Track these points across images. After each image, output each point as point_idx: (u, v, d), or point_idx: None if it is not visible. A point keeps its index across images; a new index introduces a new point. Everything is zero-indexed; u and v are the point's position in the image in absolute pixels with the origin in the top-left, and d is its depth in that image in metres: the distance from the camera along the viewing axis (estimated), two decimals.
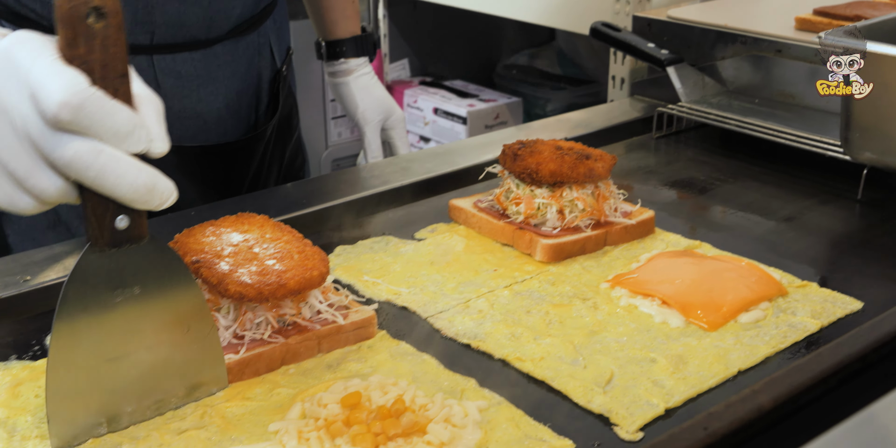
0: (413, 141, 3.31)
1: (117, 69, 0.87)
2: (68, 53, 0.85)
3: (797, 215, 1.60)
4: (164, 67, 1.57)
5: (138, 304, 0.99)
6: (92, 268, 0.95)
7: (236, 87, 1.69)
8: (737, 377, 1.14)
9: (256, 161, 1.76)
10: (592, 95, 3.24)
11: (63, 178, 0.87)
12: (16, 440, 1.01)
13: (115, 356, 1.00)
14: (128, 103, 0.88)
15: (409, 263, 1.41)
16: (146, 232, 0.97)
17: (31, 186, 0.87)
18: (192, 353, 1.06)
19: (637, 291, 1.30)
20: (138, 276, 0.98)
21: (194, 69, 1.61)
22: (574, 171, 1.42)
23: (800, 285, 1.34)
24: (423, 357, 1.18)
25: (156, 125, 0.90)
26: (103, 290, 0.96)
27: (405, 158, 1.82)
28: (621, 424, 1.05)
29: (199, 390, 1.08)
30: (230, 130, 1.71)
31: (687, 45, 2.06)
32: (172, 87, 1.59)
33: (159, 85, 1.58)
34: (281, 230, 1.24)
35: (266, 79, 1.76)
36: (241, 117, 1.73)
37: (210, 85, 1.64)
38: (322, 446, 0.99)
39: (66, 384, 0.97)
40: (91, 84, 0.84)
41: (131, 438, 1.02)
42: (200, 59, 1.61)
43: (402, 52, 3.39)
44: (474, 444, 1.01)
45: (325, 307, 1.19)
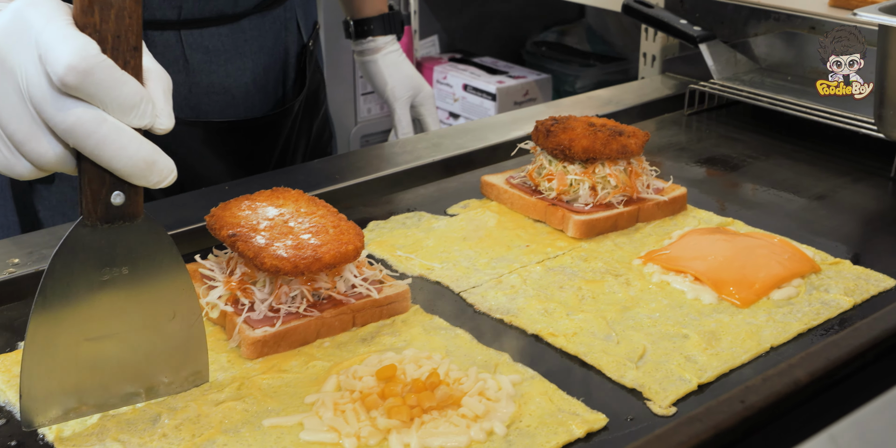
0: (442, 117, 3.31)
1: (130, 41, 0.85)
2: (81, 20, 0.83)
3: (830, 193, 1.60)
4: (191, 42, 1.58)
5: (125, 285, 0.95)
6: (82, 242, 0.92)
7: (263, 62, 1.69)
8: (769, 353, 1.14)
9: (283, 136, 1.77)
10: (622, 72, 3.23)
11: (62, 144, 0.86)
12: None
13: (96, 336, 0.96)
14: (137, 77, 0.86)
15: (441, 239, 1.42)
16: (141, 210, 0.94)
17: (28, 150, 0.85)
18: (175, 341, 1.02)
19: (669, 268, 1.31)
20: (129, 256, 0.95)
21: (222, 44, 1.62)
22: (607, 147, 1.42)
23: (832, 262, 1.34)
24: (456, 331, 1.19)
25: (162, 101, 0.88)
26: (91, 266, 0.93)
27: (436, 134, 1.82)
28: (654, 399, 1.05)
29: (179, 383, 1.05)
30: (258, 105, 1.72)
31: (719, 21, 2.05)
32: (200, 62, 1.60)
33: (187, 60, 1.59)
34: (316, 205, 1.25)
35: (293, 53, 1.77)
36: (268, 92, 1.73)
37: (238, 60, 1.65)
38: (358, 418, 1.00)
39: (42, 360, 0.94)
40: (101, 53, 0.83)
41: (170, 409, 1.03)
42: (228, 34, 1.61)
43: (432, 28, 3.38)
44: (508, 417, 1.02)
45: (359, 281, 1.20)
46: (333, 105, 3.25)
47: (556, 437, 0.99)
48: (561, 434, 0.99)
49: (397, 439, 0.98)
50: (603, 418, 1.02)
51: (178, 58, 1.57)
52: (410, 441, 0.97)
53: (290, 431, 1.00)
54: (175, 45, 1.57)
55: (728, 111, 2.00)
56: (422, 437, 0.98)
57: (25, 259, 1.30)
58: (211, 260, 1.24)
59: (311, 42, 1.78)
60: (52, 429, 1.00)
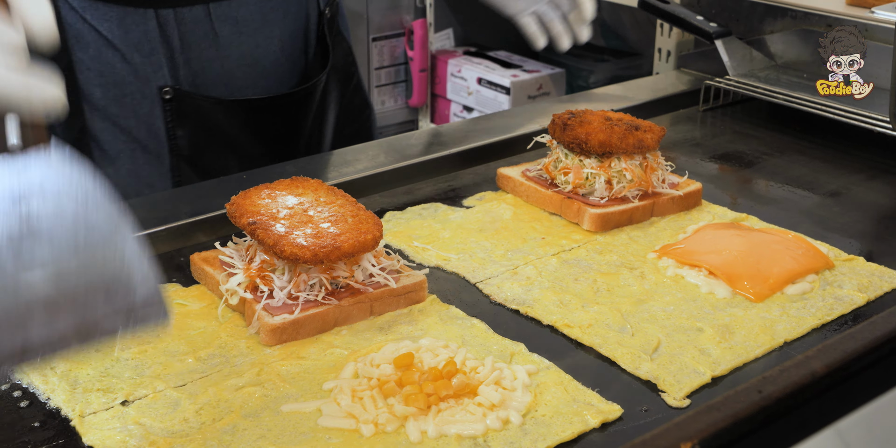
0: (456, 111, 3.32)
1: None
2: None
3: (844, 190, 1.60)
4: (220, 14, 1.58)
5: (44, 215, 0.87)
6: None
7: (289, 29, 1.68)
8: (783, 348, 1.15)
9: (314, 109, 1.76)
10: (636, 68, 3.23)
11: None
12: (78, 392, 1.04)
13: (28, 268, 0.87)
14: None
15: (458, 230, 1.43)
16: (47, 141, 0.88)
17: None
18: (104, 271, 0.89)
19: (684, 262, 1.32)
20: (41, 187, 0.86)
21: (249, 13, 1.61)
22: (623, 141, 1.43)
23: (846, 259, 1.34)
24: (472, 321, 1.20)
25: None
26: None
27: (452, 126, 1.83)
28: (669, 391, 1.06)
29: (136, 323, 0.90)
30: (286, 76, 1.71)
31: (735, 18, 2.06)
32: (230, 33, 1.60)
33: (217, 34, 1.58)
34: (335, 194, 1.26)
35: (313, 21, 1.75)
36: (295, 60, 1.72)
37: (265, 28, 1.64)
38: (375, 405, 1.01)
39: None
40: None
41: (189, 394, 1.05)
42: (255, 2, 1.62)
43: (447, 21, 3.39)
44: (524, 406, 1.03)
45: (377, 271, 1.21)
46: None
47: (572, 426, 1.00)
48: (576, 424, 1.01)
49: (414, 426, 0.99)
50: (618, 409, 1.03)
51: (207, 33, 1.57)
52: (427, 428, 0.99)
53: (309, 417, 1.01)
54: (204, 20, 1.57)
55: (743, 107, 2.01)
56: (438, 424, 0.99)
57: None
58: (230, 247, 1.25)
59: (327, 9, 1.76)
60: (73, 410, 1.01)
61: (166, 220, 1.40)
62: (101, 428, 0.99)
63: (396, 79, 3.39)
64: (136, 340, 1.13)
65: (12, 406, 1.03)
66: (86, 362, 1.09)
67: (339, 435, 0.99)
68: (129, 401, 1.03)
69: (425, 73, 3.35)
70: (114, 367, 1.09)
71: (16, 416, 1.02)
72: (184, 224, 1.40)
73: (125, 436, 0.98)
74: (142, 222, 1.39)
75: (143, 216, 1.40)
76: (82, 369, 1.08)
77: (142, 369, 1.09)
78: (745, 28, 2.04)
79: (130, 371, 1.09)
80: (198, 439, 0.98)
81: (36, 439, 0.98)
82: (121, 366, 1.09)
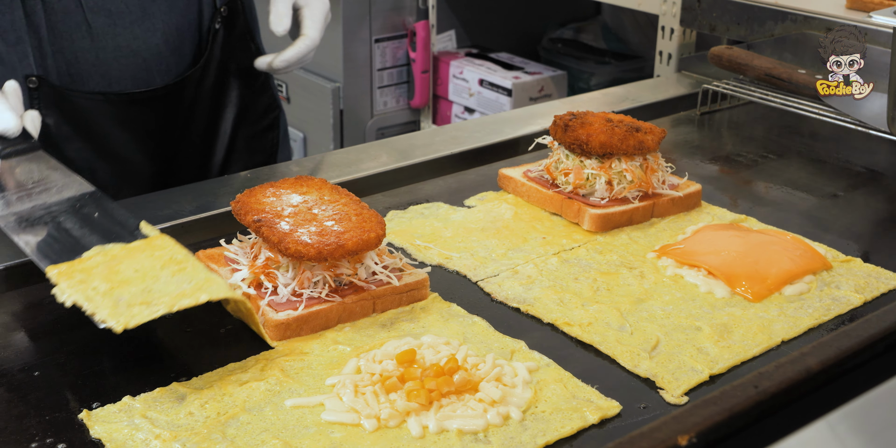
0: (458, 112, 3.34)
1: None
2: None
3: (842, 192, 1.62)
4: (92, 6, 1.54)
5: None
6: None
7: (176, 23, 1.63)
8: (780, 347, 1.17)
9: (187, 107, 1.70)
10: (637, 70, 3.25)
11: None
12: (122, 307, 1.06)
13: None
14: None
15: (459, 229, 1.44)
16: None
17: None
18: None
19: (683, 262, 1.33)
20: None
21: (125, 5, 1.57)
22: (624, 143, 1.44)
23: (844, 260, 1.36)
24: (473, 319, 1.21)
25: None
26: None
27: (454, 127, 1.85)
28: (667, 388, 1.08)
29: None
30: (173, 69, 1.66)
31: (736, 22, 2.07)
32: (104, 25, 1.56)
33: (90, 24, 1.54)
34: (338, 193, 1.28)
35: (207, 16, 1.68)
36: (183, 55, 1.66)
37: (145, 21, 1.59)
38: (378, 400, 1.03)
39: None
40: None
41: (195, 389, 1.06)
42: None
43: (449, 23, 3.41)
44: (524, 402, 1.04)
45: (380, 268, 1.23)
46: (349, 99, 3.28)
47: (571, 422, 1.02)
48: (575, 420, 1.02)
49: (416, 421, 1.01)
50: (616, 405, 1.04)
51: (80, 23, 1.54)
52: (429, 423, 1.00)
53: (312, 412, 1.03)
54: (75, 10, 1.53)
55: (742, 110, 2.02)
56: (440, 419, 1.01)
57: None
58: (235, 245, 1.27)
59: (223, 7, 1.70)
60: (118, 322, 1.03)
61: (171, 217, 1.42)
62: (107, 421, 1.01)
63: (399, 80, 3.41)
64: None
65: (21, 398, 1.05)
66: (127, 282, 1.11)
67: (342, 429, 1.00)
68: (136, 395, 1.05)
69: (427, 74, 3.36)
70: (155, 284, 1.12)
71: (24, 409, 1.03)
72: (189, 221, 1.42)
73: (131, 429, 1.00)
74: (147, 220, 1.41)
75: (149, 214, 1.42)
76: (123, 288, 1.10)
77: (181, 284, 1.11)
78: (746, 32, 2.06)
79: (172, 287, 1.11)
80: (202, 433, 0.99)
81: (43, 431, 1.00)
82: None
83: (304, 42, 1.60)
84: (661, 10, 2.29)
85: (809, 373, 0.82)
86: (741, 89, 1.94)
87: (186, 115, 1.70)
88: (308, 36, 1.60)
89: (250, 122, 1.79)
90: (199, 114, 1.71)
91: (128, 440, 0.98)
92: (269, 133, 1.84)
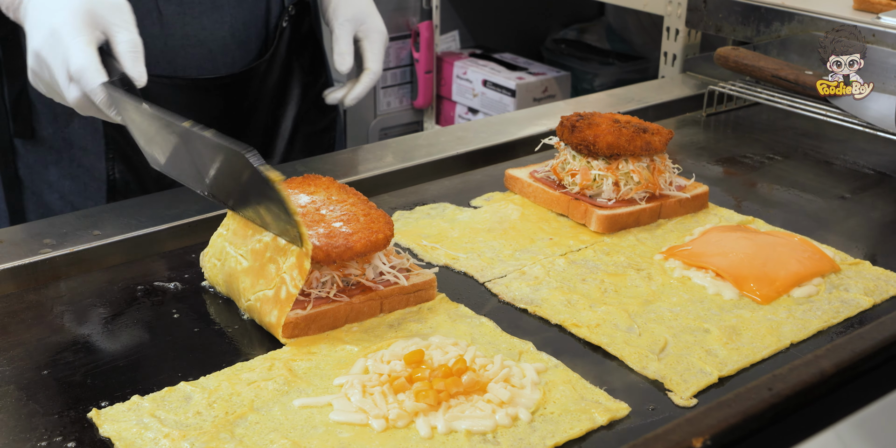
0: (461, 112, 3.34)
1: None
2: None
3: (850, 194, 1.62)
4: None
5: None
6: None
7: (243, 17, 1.67)
8: (789, 349, 1.17)
9: (255, 96, 1.72)
10: (640, 71, 3.25)
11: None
12: None
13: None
14: None
15: (466, 230, 1.44)
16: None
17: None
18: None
19: (691, 263, 1.33)
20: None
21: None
22: (631, 143, 1.44)
23: (852, 263, 1.36)
24: (480, 320, 1.21)
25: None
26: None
27: (459, 128, 1.84)
28: (676, 390, 1.07)
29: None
30: (238, 61, 1.69)
31: (743, 22, 2.07)
32: (174, 13, 1.59)
33: (161, 12, 1.58)
34: (346, 192, 1.27)
35: (274, 14, 1.73)
36: (249, 48, 1.70)
37: (214, 12, 1.62)
38: (386, 401, 1.03)
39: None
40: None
41: (203, 388, 1.06)
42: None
43: (453, 23, 3.41)
44: (533, 403, 1.04)
45: (387, 269, 1.23)
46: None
47: (580, 424, 1.01)
48: (584, 421, 1.02)
49: (424, 422, 1.00)
50: (625, 407, 1.04)
51: (151, 10, 1.56)
52: (437, 423, 1.00)
53: (320, 411, 1.03)
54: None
55: (749, 111, 2.02)
56: (448, 420, 1.00)
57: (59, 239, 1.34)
58: None
59: (291, 7, 1.73)
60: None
61: (177, 217, 1.42)
62: (116, 420, 1.01)
63: (402, 80, 3.41)
64: None
65: (31, 397, 1.05)
66: None
67: (350, 429, 1.00)
68: (144, 395, 1.05)
69: (431, 74, 3.36)
70: None
71: (33, 408, 1.03)
72: (194, 221, 1.42)
73: (140, 428, 0.99)
74: (153, 219, 1.41)
75: (154, 213, 1.42)
76: None
77: None
78: (752, 32, 2.05)
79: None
80: (210, 432, 0.99)
81: (52, 429, 1.00)
82: None
83: (370, 76, 1.66)
84: (666, 11, 2.29)
85: (824, 375, 0.81)
86: (747, 90, 1.94)
87: (249, 107, 1.72)
88: (371, 70, 1.67)
89: (310, 121, 1.83)
90: (261, 108, 1.74)
91: (137, 439, 0.98)
92: (327, 134, 1.88)
